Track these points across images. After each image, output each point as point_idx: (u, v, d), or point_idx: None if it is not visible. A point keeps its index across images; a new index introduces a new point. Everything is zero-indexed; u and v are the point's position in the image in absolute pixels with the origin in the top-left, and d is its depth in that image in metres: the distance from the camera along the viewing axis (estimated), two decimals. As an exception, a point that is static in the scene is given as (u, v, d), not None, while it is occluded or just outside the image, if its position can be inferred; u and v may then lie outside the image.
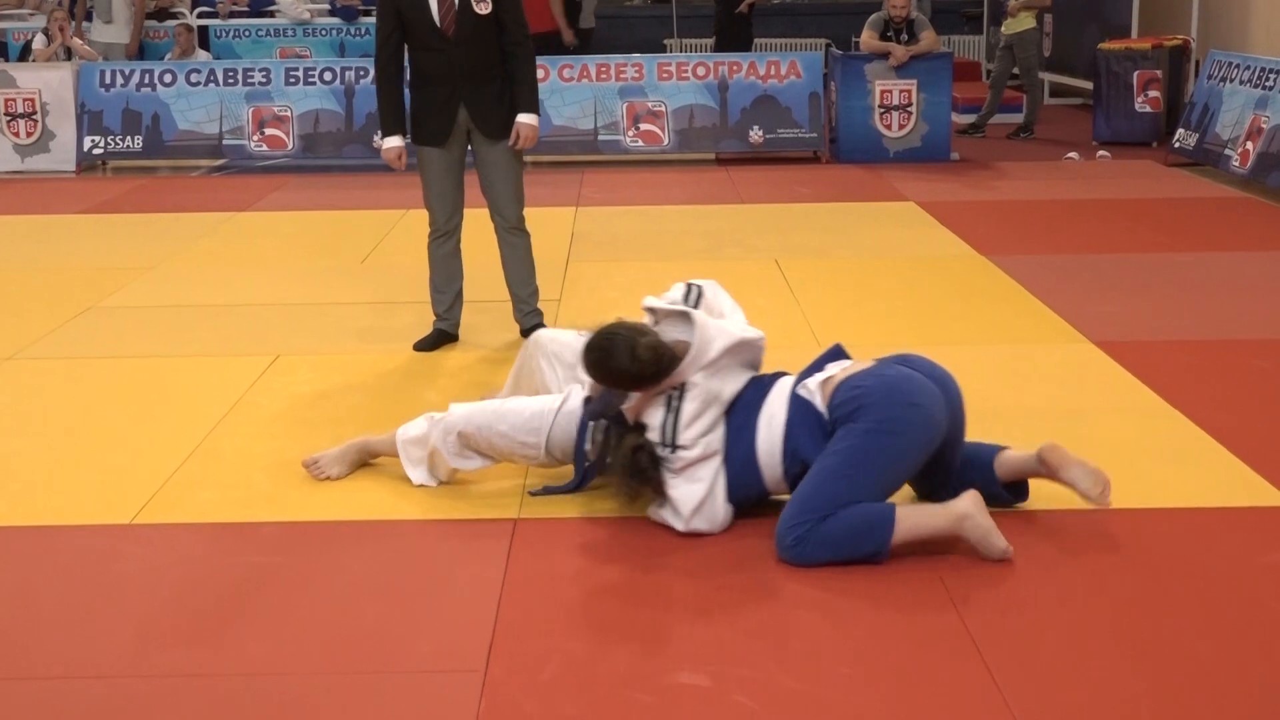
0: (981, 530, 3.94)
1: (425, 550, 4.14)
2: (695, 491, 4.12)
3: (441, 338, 6.34)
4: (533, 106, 6.08)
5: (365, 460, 4.75)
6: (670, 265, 7.88)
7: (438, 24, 5.94)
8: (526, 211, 6.33)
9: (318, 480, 4.65)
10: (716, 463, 4.16)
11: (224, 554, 4.13)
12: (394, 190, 10.77)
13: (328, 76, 12.25)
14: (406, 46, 6.02)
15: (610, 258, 8.24)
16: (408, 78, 6.11)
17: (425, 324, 6.44)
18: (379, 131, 6.23)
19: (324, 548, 4.15)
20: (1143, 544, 4.11)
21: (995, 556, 3.94)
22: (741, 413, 4.19)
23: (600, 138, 12.13)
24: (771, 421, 4.14)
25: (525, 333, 6.40)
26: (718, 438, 4.17)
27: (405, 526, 4.30)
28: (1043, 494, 4.41)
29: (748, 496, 4.20)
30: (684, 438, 4.13)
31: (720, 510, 4.16)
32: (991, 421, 5.14)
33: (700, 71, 12.18)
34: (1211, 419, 5.14)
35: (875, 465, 3.96)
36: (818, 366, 4.25)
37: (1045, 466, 4.19)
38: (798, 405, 4.13)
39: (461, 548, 4.15)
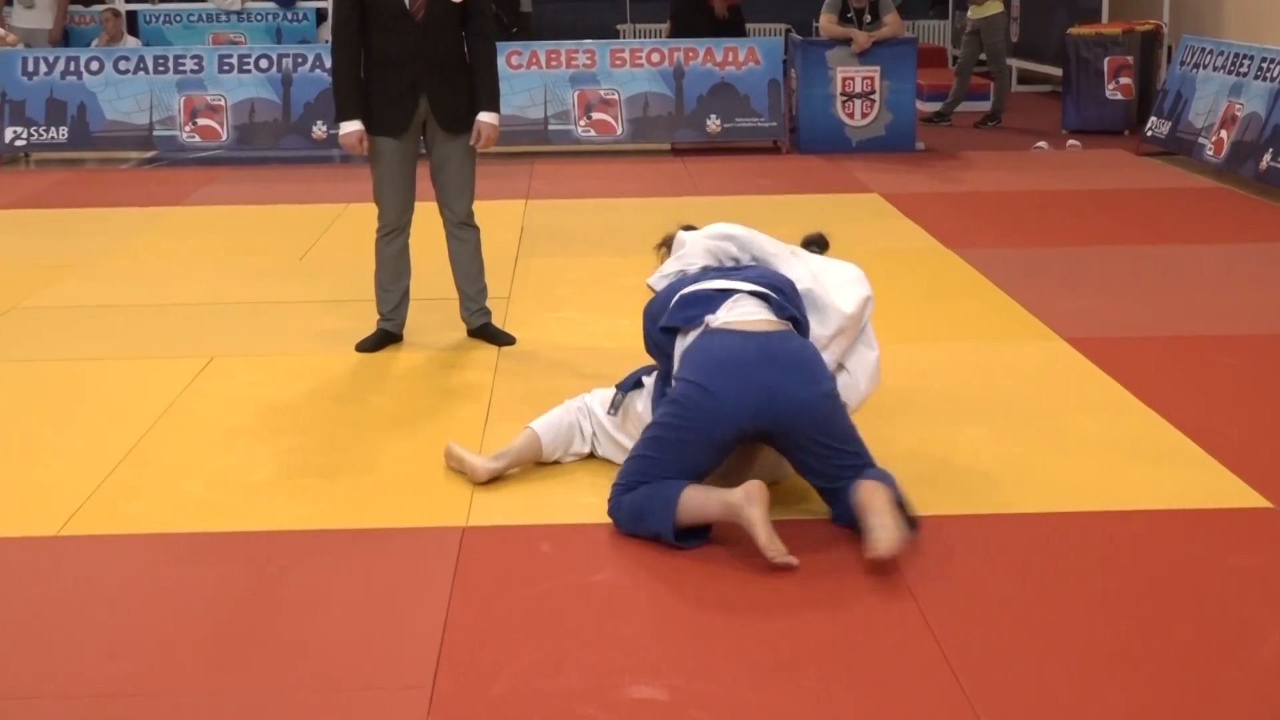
0: (750, 522, 3.97)
1: (370, 561, 4.12)
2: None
3: (385, 338, 6.32)
4: (494, 104, 6.06)
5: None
6: (624, 260, 7.88)
7: (406, 6, 5.89)
8: (474, 205, 6.33)
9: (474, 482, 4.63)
10: None
11: (157, 567, 4.10)
12: (334, 184, 10.73)
13: (263, 64, 12.19)
14: (368, 29, 5.94)
15: (561, 253, 8.24)
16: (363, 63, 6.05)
17: (368, 324, 6.42)
18: (332, 118, 6.22)
19: (263, 560, 4.13)
20: (1114, 546, 4.14)
21: (765, 555, 3.94)
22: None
23: (550, 127, 12.13)
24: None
25: (473, 332, 6.40)
26: None
27: (348, 537, 4.29)
28: (1009, 498, 4.44)
29: None
30: None
31: None
32: (959, 422, 5.17)
33: (655, 58, 12.19)
34: (1185, 417, 5.20)
35: (667, 446, 4.15)
36: (765, 298, 4.40)
37: (856, 504, 4.07)
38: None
39: (407, 558, 4.14)
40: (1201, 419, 5.18)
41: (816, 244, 4.97)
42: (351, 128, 5.97)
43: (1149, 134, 11.91)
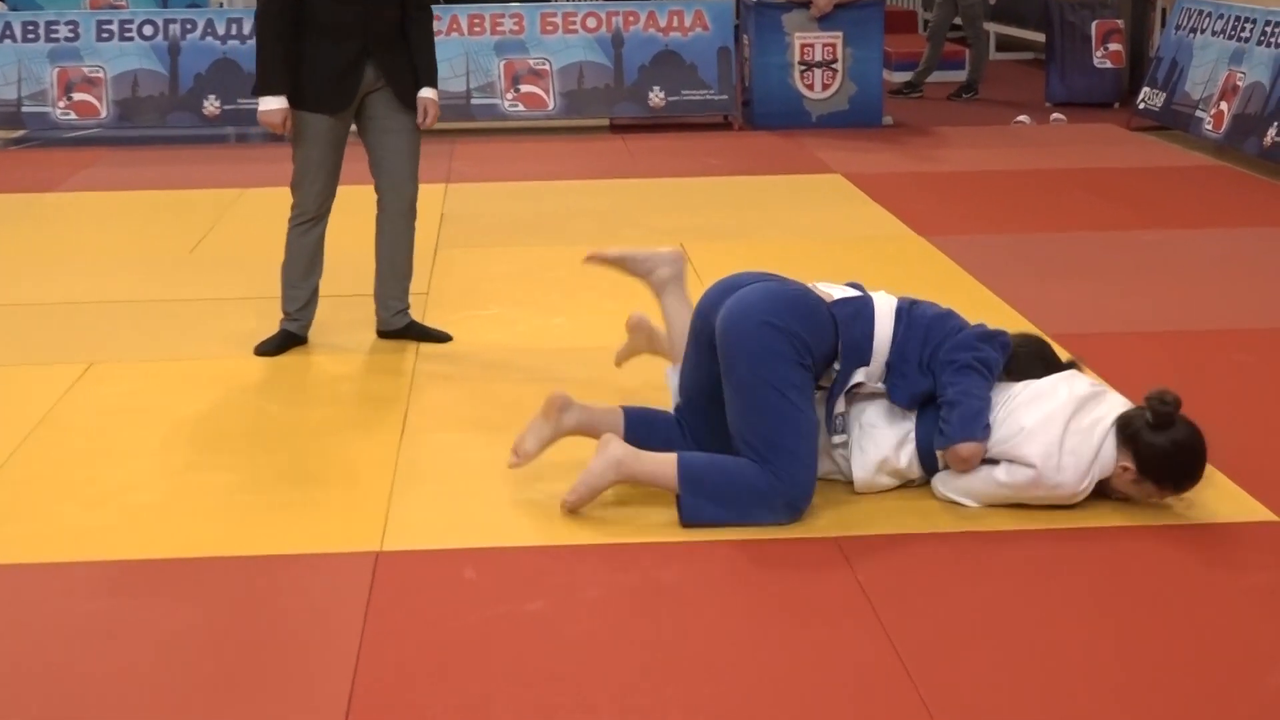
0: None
1: (272, 591, 4.10)
2: None
3: (288, 340, 6.29)
4: (435, 80, 6.17)
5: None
6: (557, 251, 7.88)
7: None
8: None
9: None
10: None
11: (32, 601, 4.07)
12: (229, 165, 10.68)
13: (148, 31, 12.11)
14: None
15: (486, 243, 8.23)
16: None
17: (269, 324, 6.39)
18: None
19: (153, 591, 4.10)
20: (1107, 566, 4.18)
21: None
22: None
23: (473, 102, 12.11)
24: None
25: (393, 333, 6.38)
26: None
27: (246, 565, 4.26)
28: (991, 514, 4.47)
29: None
30: None
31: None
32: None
33: (591, 23, 12.20)
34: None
35: None
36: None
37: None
38: None
39: (313, 588, 4.12)
40: (1205, 425, 5.21)
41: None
42: (276, 104, 5.92)
43: (1141, 106, 12.02)
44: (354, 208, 6.75)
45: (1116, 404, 4.59)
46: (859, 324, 4.55)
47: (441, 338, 6.36)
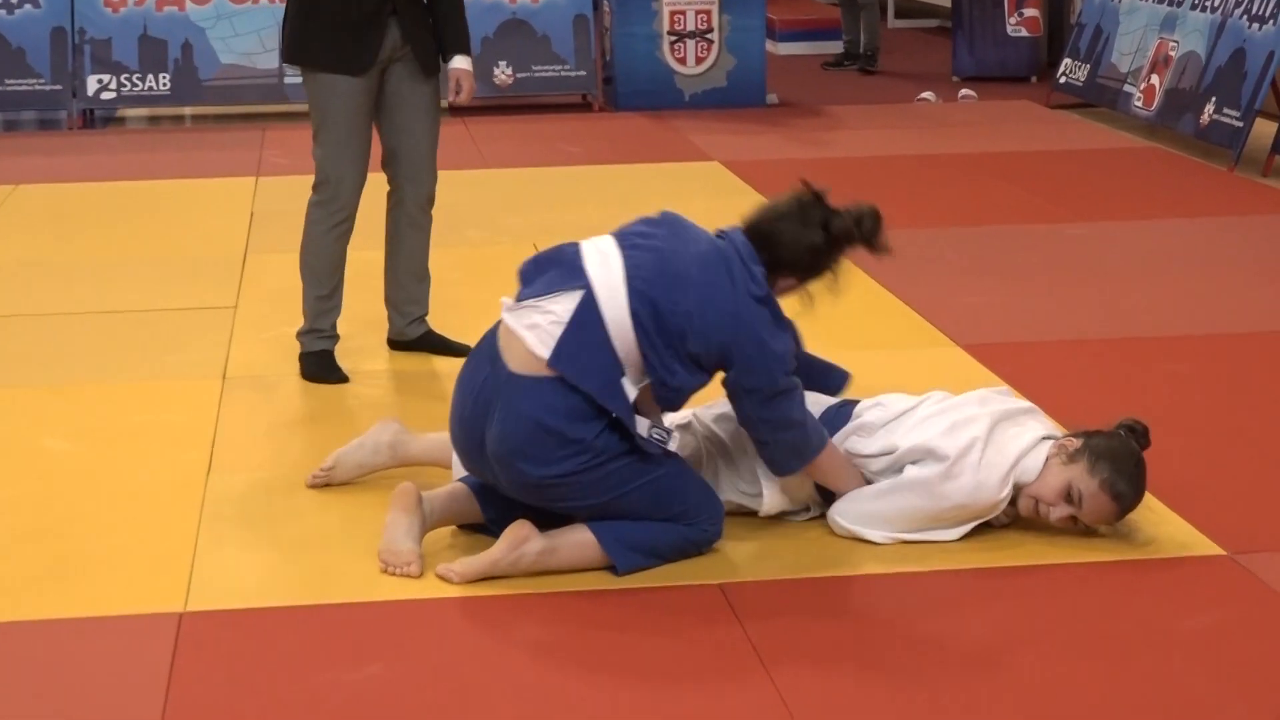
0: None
1: (60, 658, 4.05)
2: None
3: (330, 361, 6.15)
4: (469, 47, 6.17)
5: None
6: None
7: None
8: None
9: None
10: None
11: None
12: (-4, 158, 10.51)
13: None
14: None
15: (306, 246, 8.17)
16: None
17: (31, 344, 6.29)
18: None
19: (-94, 666, 4.03)
20: (1037, 606, 4.23)
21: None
22: None
23: (288, 80, 12.00)
24: None
25: (411, 344, 6.31)
26: None
27: (24, 631, 4.20)
28: (901, 553, 4.52)
29: None
30: None
31: None
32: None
33: (424, -12, 12.16)
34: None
35: None
36: None
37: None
38: None
39: (106, 655, 4.07)
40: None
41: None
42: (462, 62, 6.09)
43: (1062, 80, 12.20)
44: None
45: (1039, 423, 4.69)
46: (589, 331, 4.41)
47: (460, 350, 5.96)
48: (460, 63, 6.10)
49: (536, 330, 4.35)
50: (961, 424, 4.60)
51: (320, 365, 6.10)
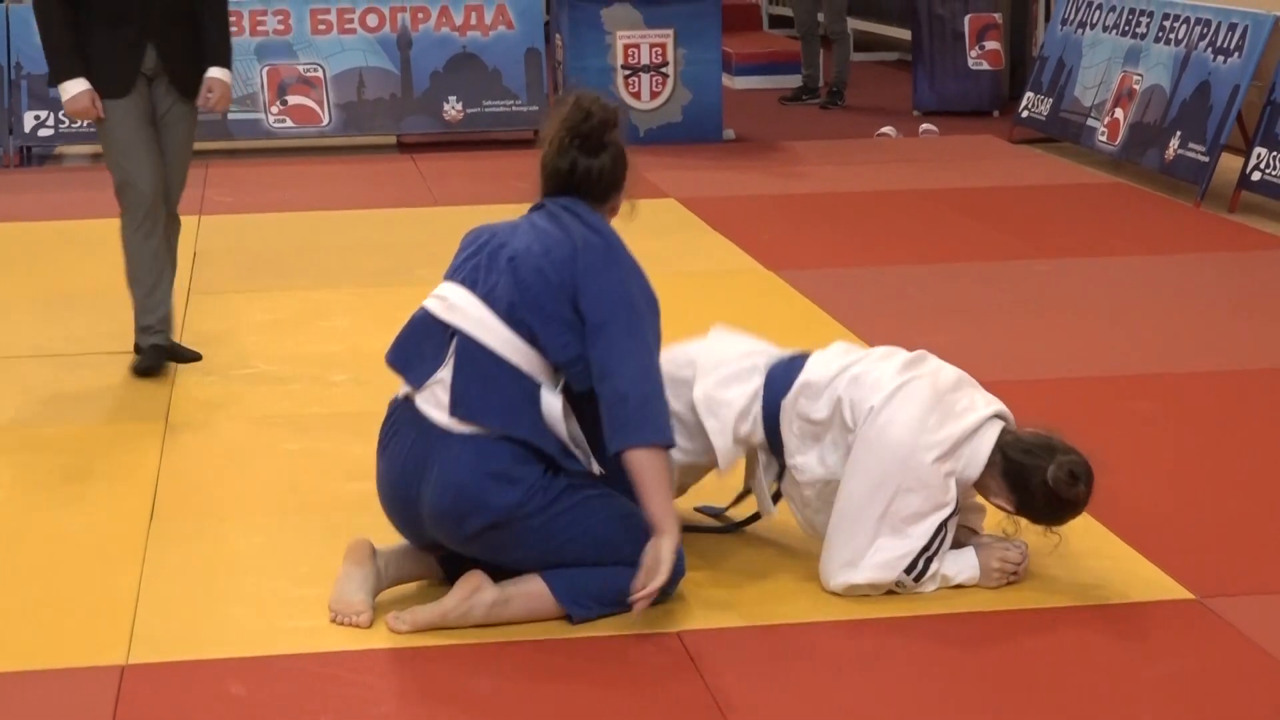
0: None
1: (-10, 718, 4.02)
2: None
3: (162, 355, 6.68)
4: (228, 60, 6.67)
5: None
6: (336, 295, 7.84)
7: None
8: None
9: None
10: None
11: None
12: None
13: None
14: None
15: (249, 286, 8.16)
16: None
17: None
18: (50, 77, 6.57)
19: None
20: (1006, 653, 4.24)
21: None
22: None
23: (231, 117, 12.00)
24: None
25: (150, 350, 6.61)
26: None
27: (-42, 686, 4.18)
28: (885, 602, 4.52)
29: None
30: None
31: None
32: (789, 499, 5.24)
33: (371, 21, 12.18)
34: (1081, 484, 5.34)
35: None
36: None
37: None
38: None
39: (50, 708, 4.05)
40: (1099, 485, 5.32)
41: None
42: (78, 86, 6.41)
43: (1024, 115, 12.27)
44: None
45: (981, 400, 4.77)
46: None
47: (191, 356, 6.76)
48: (218, 73, 6.62)
49: (440, 403, 4.43)
50: (911, 363, 4.71)
51: (154, 358, 6.64)
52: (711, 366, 4.85)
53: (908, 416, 4.54)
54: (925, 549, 4.51)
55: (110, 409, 6.30)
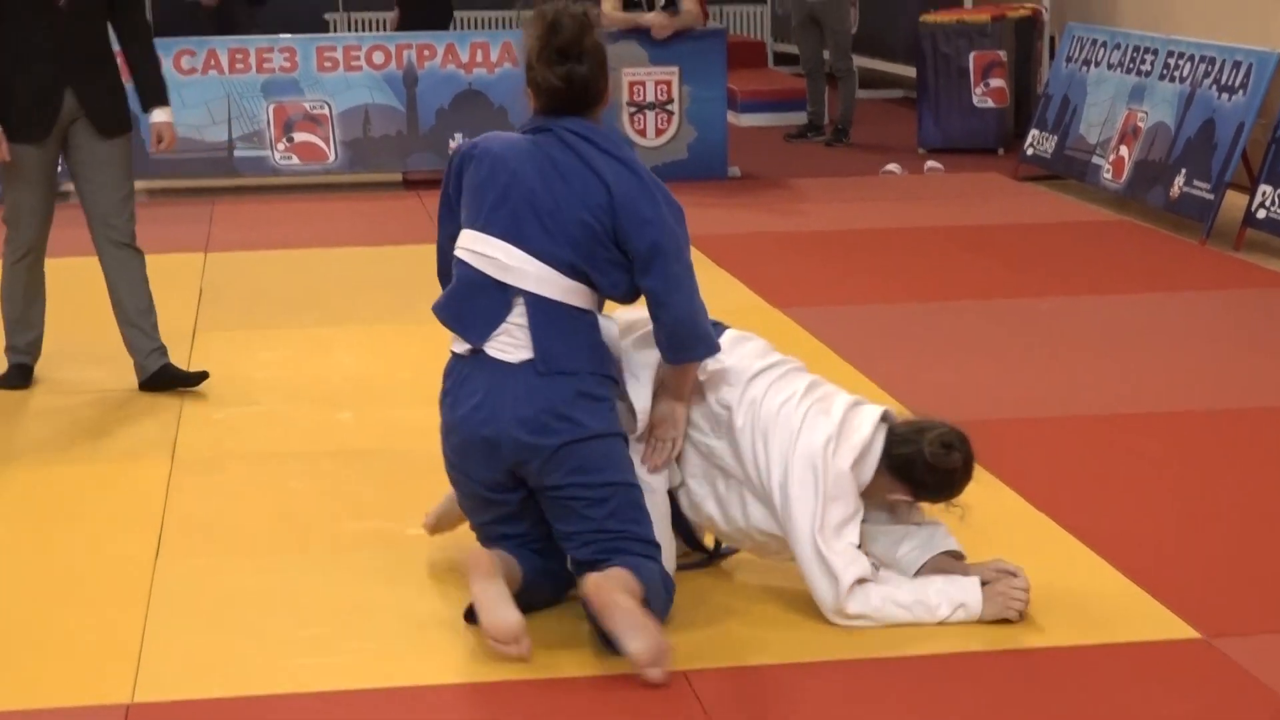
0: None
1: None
2: None
3: (24, 374, 6.93)
4: (165, 98, 6.80)
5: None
6: (341, 331, 7.85)
7: None
8: None
9: None
10: None
11: None
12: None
13: None
14: None
15: (254, 323, 8.17)
16: None
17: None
18: None
19: None
20: (1013, 693, 4.24)
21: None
22: None
23: (237, 154, 12.03)
24: None
25: (152, 377, 6.77)
26: None
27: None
28: (869, 638, 4.52)
29: None
30: None
31: None
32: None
33: (378, 58, 12.20)
34: (1084, 521, 5.34)
35: None
36: None
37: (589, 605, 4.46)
38: None
39: (49, 750, 4.05)
40: (1106, 524, 5.32)
41: None
42: None
43: (1029, 152, 12.28)
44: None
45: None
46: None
47: (196, 379, 6.87)
48: (159, 115, 6.78)
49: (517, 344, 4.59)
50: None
51: (16, 377, 6.91)
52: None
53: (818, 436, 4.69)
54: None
55: (116, 445, 6.30)
